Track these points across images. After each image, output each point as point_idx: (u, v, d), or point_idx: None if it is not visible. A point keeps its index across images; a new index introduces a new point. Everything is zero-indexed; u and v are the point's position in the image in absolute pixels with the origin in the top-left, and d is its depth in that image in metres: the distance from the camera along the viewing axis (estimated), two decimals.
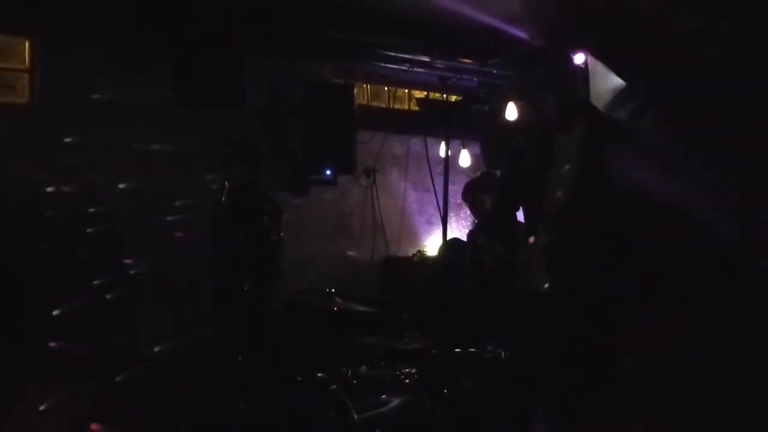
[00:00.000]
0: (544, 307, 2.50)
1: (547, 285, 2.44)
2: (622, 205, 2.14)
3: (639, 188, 2.35)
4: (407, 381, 3.21)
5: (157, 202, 4.74)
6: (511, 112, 5.57)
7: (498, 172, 4.40)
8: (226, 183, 4.05)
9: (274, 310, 4.34)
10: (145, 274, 4.71)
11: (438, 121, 2.77)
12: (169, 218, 4.71)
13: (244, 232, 3.99)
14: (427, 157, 2.87)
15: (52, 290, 4.39)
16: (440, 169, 2.69)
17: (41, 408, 4.15)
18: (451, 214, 5.89)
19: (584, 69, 4.18)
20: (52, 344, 4.27)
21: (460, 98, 5.71)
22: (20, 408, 4.07)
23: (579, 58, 4.71)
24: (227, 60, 5.31)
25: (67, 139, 4.59)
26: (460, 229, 5.73)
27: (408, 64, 5.72)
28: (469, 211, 4.51)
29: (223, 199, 4.07)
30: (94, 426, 4.16)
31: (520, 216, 3.04)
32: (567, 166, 2.50)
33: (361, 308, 3.78)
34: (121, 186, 4.73)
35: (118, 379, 4.44)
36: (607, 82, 3.79)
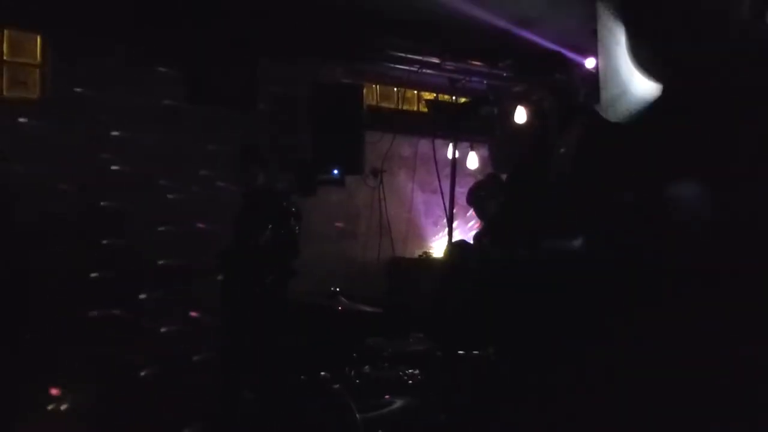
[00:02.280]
0: (542, 308, 2.49)
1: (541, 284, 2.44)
2: (618, 211, 2.12)
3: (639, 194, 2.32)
4: (411, 382, 3.20)
5: (168, 200, 4.76)
6: (520, 115, 5.57)
7: (503, 175, 4.39)
8: (247, 187, 4.12)
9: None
10: (154, 273, 4.72)
11: (447, 123, 2.76)
12: (179, 217, 4.73)
13: (272, 233, 4.02)
14: (435, 159, 2.86)
15: (61, 289, 4.41)
16: (448, 170, 2.67)
17: (48, 409, 4.15)
18: (458, 216, 5.91)
19: (594, 74, 4.16)
20: (60, 344, 4.26)
21: (468, 100, 5.71)
22: (26, 409, 4.07)
23: (590, 63, 4.70)
24: (239, 61, 5.33)
25: (77, 135, 4.61)
26: (466, 231, 5.72)
27: (417, 66, 5.71)
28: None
29: (245, 202, 4.14)
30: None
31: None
32: (563, 170, 2.50)
33: (366, 309, 3.78)
34: (130, 184, 4.75)
35: (126, 379, 4.45)
36: (618, 86, 3.77)
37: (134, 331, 4.56)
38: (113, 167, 4.68)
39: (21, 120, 4.50)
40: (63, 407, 4.23)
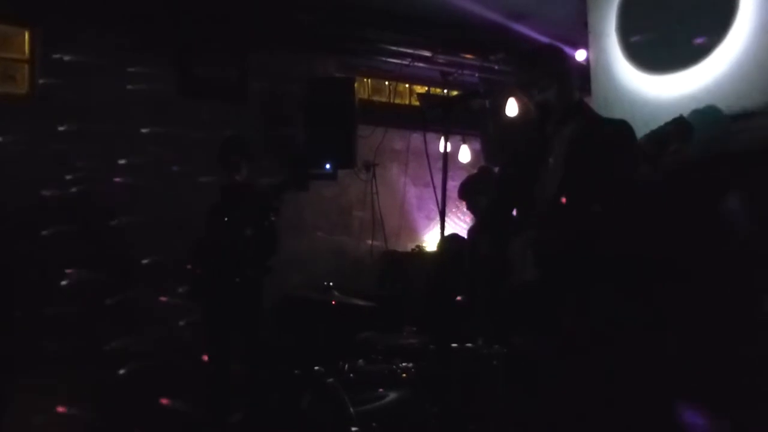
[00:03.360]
0: (532, 301, 2.51)
1: (533, 279, 2.46)
2: (607, 205, 2.13)
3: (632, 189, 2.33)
4: (404, 375, 3.21)
5: (157, 194, 4.74)
6: (512, 108, 5.58)
7: (495, 169, 4.40)
8: (229, 179, 4.08)
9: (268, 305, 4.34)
10: (144, 268, 4.70)
11: (438, 117, 2.75)
12: (169, 211, 4.71)
13: (251, 229, 3.97)
14: (427, 153, 2.85)
15: (49, 282, 4.38)
16: (440, 164, 2.67)
17: (36, 405, 4.13)
18: (451, 210, 5.91)
19: (586, 67, 4.17)
20: (48, 341, 4.22)
21: (459, 93, 5.71)
22: (15, 405, 4.05)
23: (580, 56, 4.71)
24: (230, 54, 5.31)
25: (67, 131, 4.58)
26: (459, 224, 5.73)
27: (409, 59, 5.71)
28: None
29: (224, 195, 4.10)
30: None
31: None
32: (556, 163, 2.52)
33: (359, 302, 3.77)
34: (120, 178, 4.73)
35: (115, 377, 4.44)
36: (609, 79, 3.78)
37: (122, 326, 4.56)
38: (103, 161, 4.66)
39: (10, 115, 4.47)
40: (49, 401, 4.21)
